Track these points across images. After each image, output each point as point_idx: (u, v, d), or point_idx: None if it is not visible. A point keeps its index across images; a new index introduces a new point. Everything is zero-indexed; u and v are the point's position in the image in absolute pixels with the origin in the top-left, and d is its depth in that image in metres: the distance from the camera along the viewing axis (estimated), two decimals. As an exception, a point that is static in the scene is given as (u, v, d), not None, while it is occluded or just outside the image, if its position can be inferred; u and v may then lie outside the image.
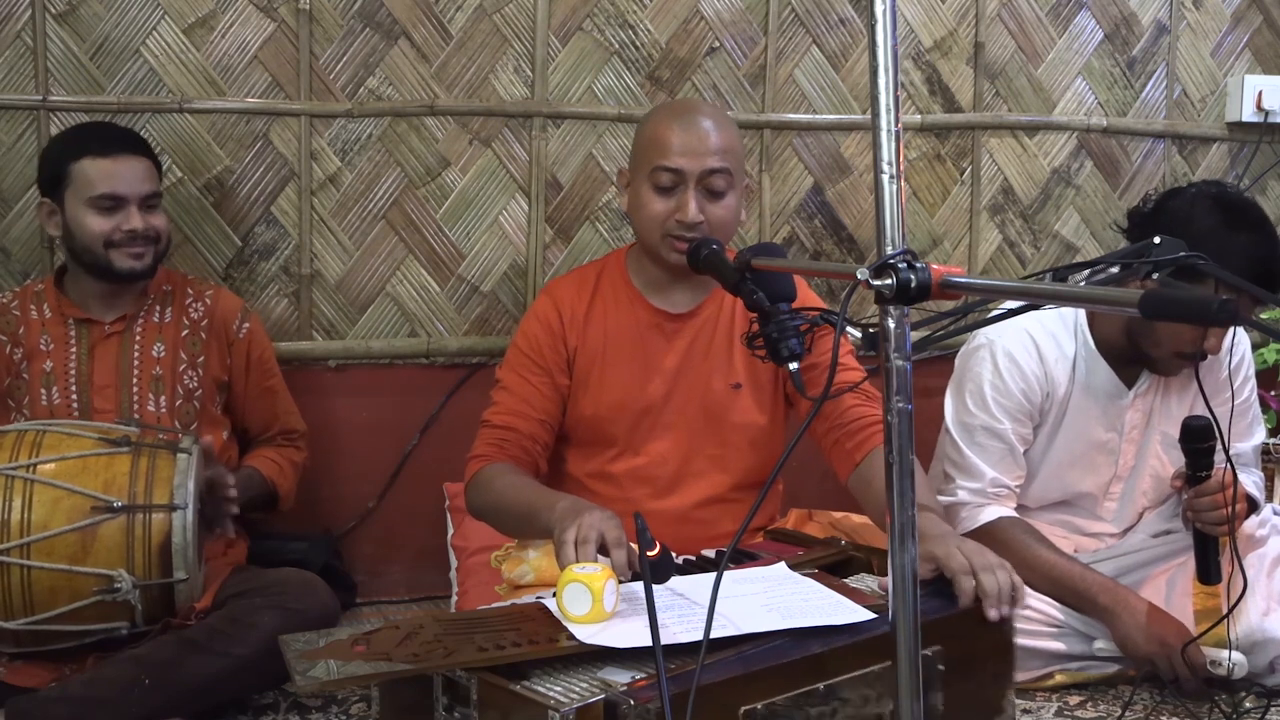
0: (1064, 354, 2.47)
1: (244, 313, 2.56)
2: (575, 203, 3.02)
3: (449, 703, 1.50)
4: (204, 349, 2.49)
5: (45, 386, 2.39)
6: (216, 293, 2.55)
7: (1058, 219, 3.35)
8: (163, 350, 2.45)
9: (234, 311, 2.54)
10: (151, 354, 2.44)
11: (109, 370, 2.41)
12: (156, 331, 2.46)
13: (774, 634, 1.57)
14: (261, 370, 2.58)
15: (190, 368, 2.47)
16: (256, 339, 2.57)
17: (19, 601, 2.04)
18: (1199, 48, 3.42)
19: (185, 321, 2.49)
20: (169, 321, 2.47)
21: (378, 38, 2.86)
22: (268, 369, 2.60)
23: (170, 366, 2.44)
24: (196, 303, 2.51)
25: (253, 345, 2.56)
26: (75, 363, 2.40)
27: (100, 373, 2.41)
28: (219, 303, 2.53)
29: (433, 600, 2.97)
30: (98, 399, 2.40)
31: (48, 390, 2.39)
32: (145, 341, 2.44)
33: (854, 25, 3.14)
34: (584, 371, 2.21)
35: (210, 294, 2.54)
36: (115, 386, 2.41)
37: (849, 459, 2.11)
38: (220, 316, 2.52)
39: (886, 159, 1.26)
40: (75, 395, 2.40)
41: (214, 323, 2.51)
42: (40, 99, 2.68)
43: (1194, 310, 1.01)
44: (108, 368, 2.41)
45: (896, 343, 1.26)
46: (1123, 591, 2.32)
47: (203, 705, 2.13)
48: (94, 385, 2.40)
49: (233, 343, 2.53)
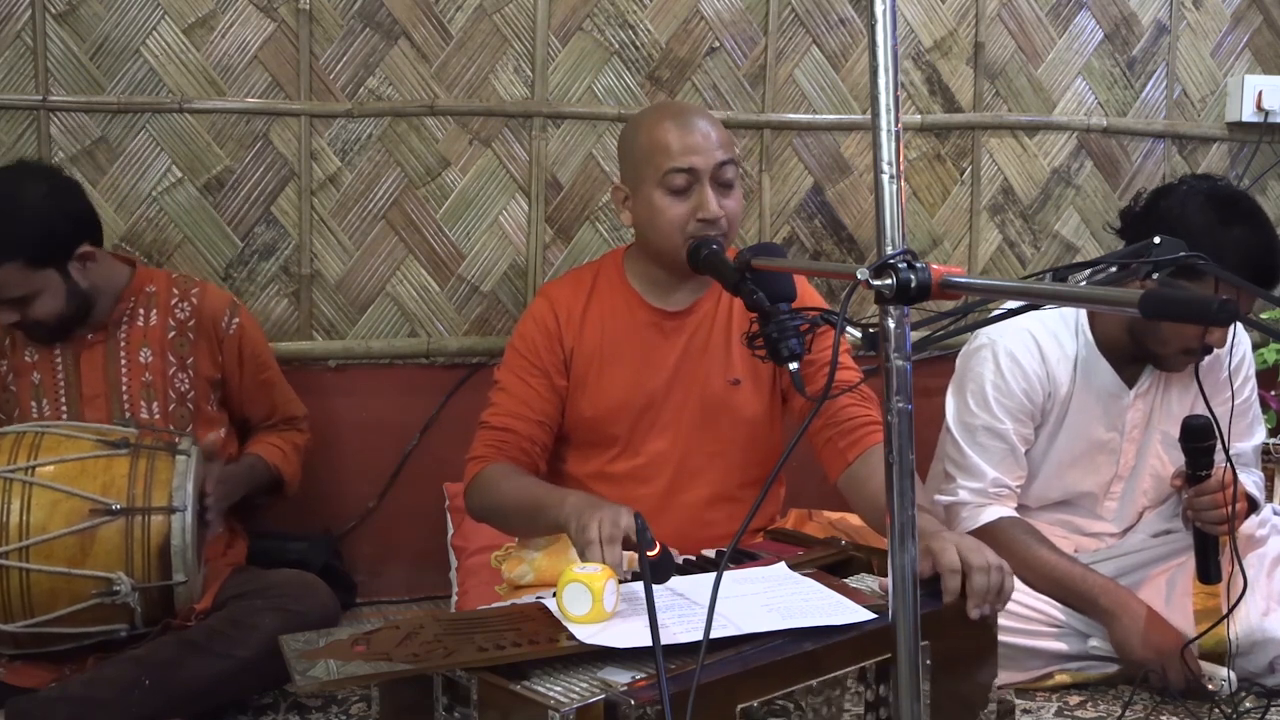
0: (1066, 354, 2.47)
1: (233, 308, 2.50)
2: (575, 203, 3.02)
3: (449, 703, 1.50)
4: (193, 349, 2.44)
5: (35, 399, 2.35)
6: (203, 289, 2.49)
7: (1058, 219, 3.35)
8: (150, 355, 2.40)
9: (222, 308, 2.48)
10: (139, 360, 2.39)
11: (97, 380, 2.37)
12: (142, 336, 2.41)
13: (774, 634, 1.57)
14: (255, 364, 2.53)
15: (180, 370, 2.42)
16: (247, 333, 2.51)
17: (18, 604, 2.04)
18: (1199, 48, 3.42)
19: (171, 323, 2.43)
20: (154, 325, 2.42)
21: (378, 38, 2.86)
22: (261, 362, 2.55)
23: (160, 371, 2.40)
24: (183, 302, 2.45)
25: (244, 340, 2.50)
26: (62, 374, 2.36)
27: (89, 383, 2.37)
28: (205, 300, 2.47)
29: (433, 600, 2.97)
30: (88, 410, 2.35)
31: (38, 403, 2.35)
32: (131, 348, 2.40)
33: (854, 25, 3.13)
34: (581, 372, 2.21)
35: (196, 292, 2.48)
36: (105, 396, 2.36)
37: (841, 458, 2.10)
38: (208, 314, 2.46)
39: (886, 159, 1.26)
40: (65, 407, 2.35)
41: (201, 321, 2.45)
42: (40, 99, 2.68)
43: (1194, 310, 1.01)
44: (96, 377, 2.37)
45: (896, 343, 1.26)
46: (1123, 594, 2.31)
47: (203, 706, 2.13)
48: (84, 396, 2.36)
49: (223, 339, 2.48)
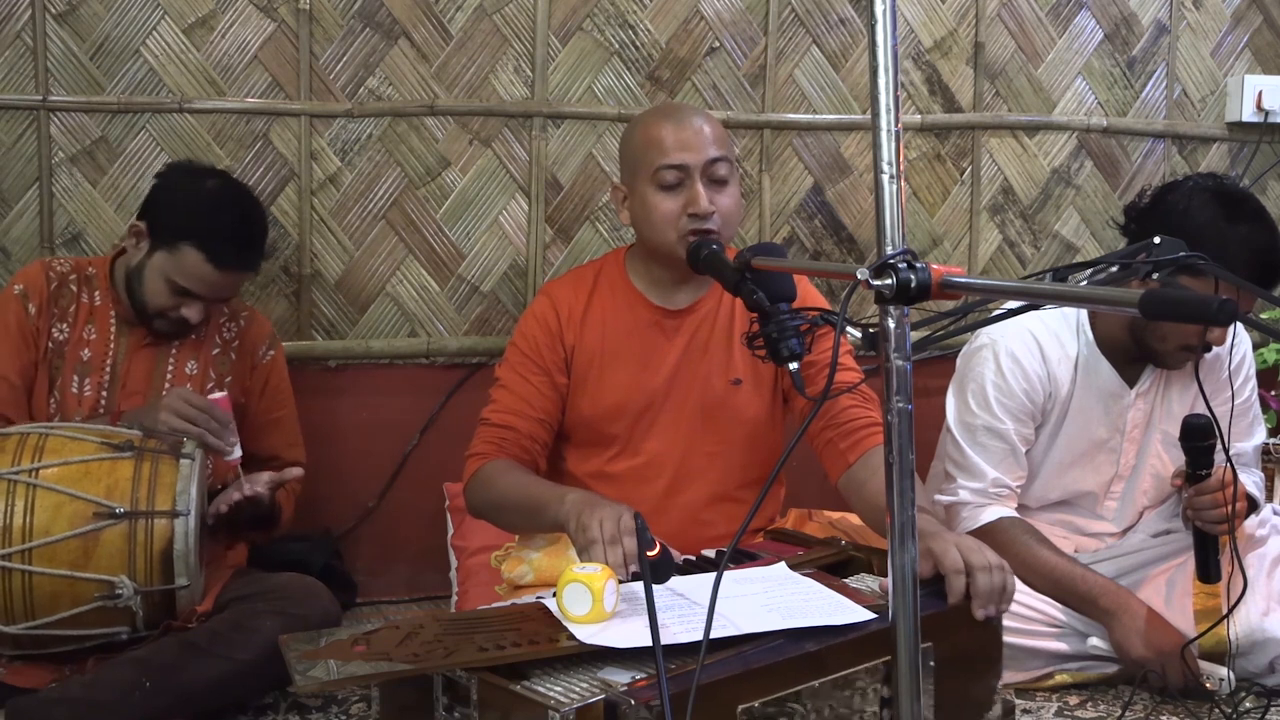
0: (1066, 353, 2.47)
1: (272, 339, 2.56)
2: (575, 203, 3.02)
3: (449, 703, 1.49)
4: (231, 369, 2.48)
5: (79, 374, 2.36)
6: (251, 314, 2.55)
7: (1058, 219, 3.35)
8: (195, 368, 2.43)
9: (264, 337, 2.54)
10: (185, 371, 2.42)
11: (142, 378, 2.39)
12: (193, 350, 2.44)
13: (774, 634, 1.57)
14: (274, 399, 2.55)
15: (218, 387, 2.44)
16: (277, 367, 2.56)
17: (20, 606, 2.04)
18: (1199, 48, 3.42)
19: (218, 340, 2.48)
20: (204, 339, 2.46)
21: (378, 38, 2.86)
22: (280, 399, 2.57)
23: (200, 385, 2.42)
24: (231, 322, 2.50)
25: (273, 373, 2.55)
26: (111, 361, 2.38)
27: (133, 378, 2.39)
28: (252, 325, 2.53)
29: (433, 600, 2.97)
30: (125, 403, 2.36)
31: (80, 379, 2.36)
32: (180, 358, 2.43)
33: (854, 25, 3.14)
34: (582, 371, 2.21)
35: (245, 315, 2.53)
36: (144, 394, 2.38)
37: (842, 459, 2.10)
38: (251, 340, 2.51)
39: (886, 159, 1.26)
40: (105, 393, 2.37)
41: (244, 345, 2.50)
42: (40, 99, 2.68)
43: (1194, 310, 1.01)
44: (141, 375, 2.39)
45: (896, 343, 1.26)
46: (1124, 595, 2.31)
47: (203, 708, 2.13)
48: (124, 389, 2.38)
49: (255, 366, 2.52)
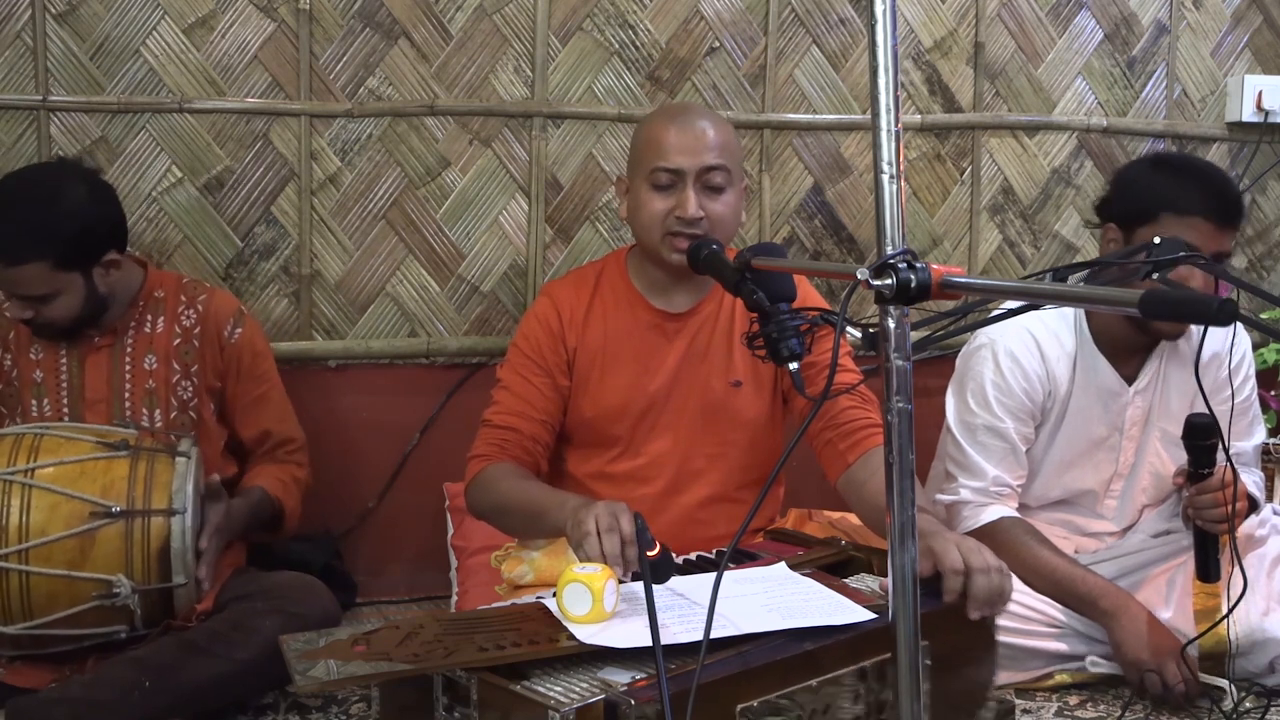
0: (1065, 351, 2.47)
1: (238, 316, 2.45)
2: (575, 203, 3.02)
3: (449, 703, 1.50)
4: (197, 357, 2.40)
5: (36, 398, 2.34)
6: (210, 296, 2.45)
7: (1058, 219, 3.35)
8: (154, 362, 2.37)
9: (227, 315, 2.44)
10: (143, 367, 2.36)
11: (100, 384, 2.35)
12: (148, 343, 2.38)
13: (774, 634, 1.57)
14: (253, 378, 2.47)
15: (184, 378, 2.39)
16: (249, 344, 2.46)
17: (17, 606, 2.04)
18: (1199, 48, 3.42)
19: (178, 330, 2.40)
20: (160, 332, 2.39)
21: (378, 38, 2.86)
22: (260, 375, 2.49)
23: (163, 379, 2.37)
24: (189, 309, 2.41)
25: (244, 351, 2.45)
26: (66, 375, 2.34)
27: (92, 386, 2.34)
28: (211, 307, 2.43)
29: (433, 600, 2.96)
30: (89, 413, 2.33)
31: (38, 401, 2.34)
32: (136, 354, 2.37)
33: (854, 25, 3.13)
34: (584, 372, 2.21)
35: (203, 299, 2.43)
36: (107, 400, 2.34)
37: (841, 459, 2.11)
38: (213, 321, 2.42)
39: (886, 159, 1.26)
40: (66, 408, 2.33)
41: (206, 328, 2.41)
42: (40, 99, 2.68)
43: (1194, 310, 1.01)
44: (99, 381, 2.35)
45: (896, 343, 1.26)
46: (1124, 597, 2.31)
47: (202, 708, 2.13)
48: (85, 400, 2.34)
49: (224, 347, 2.43)
